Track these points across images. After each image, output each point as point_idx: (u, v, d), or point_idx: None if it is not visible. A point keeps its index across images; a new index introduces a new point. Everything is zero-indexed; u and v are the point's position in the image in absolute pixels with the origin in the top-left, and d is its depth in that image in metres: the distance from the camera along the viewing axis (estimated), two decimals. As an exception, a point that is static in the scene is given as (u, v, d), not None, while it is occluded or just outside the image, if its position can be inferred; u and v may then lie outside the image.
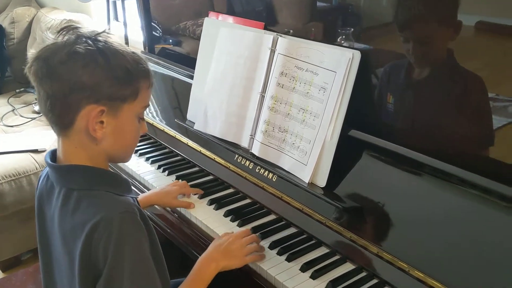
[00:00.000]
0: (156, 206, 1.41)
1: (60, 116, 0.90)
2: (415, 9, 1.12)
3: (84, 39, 0.89)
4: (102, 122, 0.91)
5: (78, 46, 0.88)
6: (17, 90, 3.03)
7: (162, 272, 0.98)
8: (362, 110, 1.21)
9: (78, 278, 0.88)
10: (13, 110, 2.77)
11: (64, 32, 0.91)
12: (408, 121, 1.19)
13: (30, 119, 2.63)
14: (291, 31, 1.40)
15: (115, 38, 0.95)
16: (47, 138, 2.35)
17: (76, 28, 0.92)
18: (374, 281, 1.06)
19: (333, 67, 1.20)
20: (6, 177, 2.11)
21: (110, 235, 0.85)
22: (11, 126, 2.58)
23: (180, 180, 1.46)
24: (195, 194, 1.40)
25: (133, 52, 0.95)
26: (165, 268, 1.02)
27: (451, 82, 1.09)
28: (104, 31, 0.93)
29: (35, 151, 2.27)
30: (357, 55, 1.15)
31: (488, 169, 1.00)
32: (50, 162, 0.96)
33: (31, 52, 0.91)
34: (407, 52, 1.14)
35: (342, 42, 1.27)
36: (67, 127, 0.91)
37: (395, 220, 1.09)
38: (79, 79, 0.87)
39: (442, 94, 1.10)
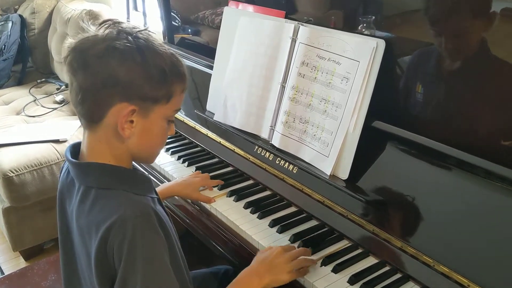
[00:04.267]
0: (176, 197, 1.40)
1: (90, 110, 0.89)
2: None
3: (124, 35, 0.88)
4: (132, 122, 0.89)
5: (118, 42, 0.86)
6: (38, 81, 3.06)
7: (181, 276, 0.96)
8: (385, 100, 1.18)
9: (95, 275, 0.88)
10: (34, 101, 2.79)
11: (105, 25, 0.90)
12: (434, 112, 1.15)
13: (51, 109, 2.65)
14: (312, 19, 1.38)
15: (156, 36, 0.93)
16: (68, 128, 2.37)
17: (118, 23, 0.91)
18: (398, 275, 1.04)
19: (356, 57, 1.17)
20: (28, 167, 2.13)
21: (124, 238, 0.84)
22: (33, 116, 2.60)
23: (200, 172, 1.45)
24: (215, 186, 1.39)
25: (172, 54, 0.92)
26: (183, 272, 0.99)
27: (483, 72, 1.05)
28: (146, 29, 0.92)
29: (57, 141, 2.28)
30: (381, 44, 1.12)
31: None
32: (70, 158, 0.95)
33: (69, 41, 0.90)
34: (439, 44, 1.10)
35: (363, 30, 1.24)
36: (96, 122, 0.90)
37: (419, 214, 1.06)
38: (114, 74, 0.85)
39: (472, 84, 1.06)
